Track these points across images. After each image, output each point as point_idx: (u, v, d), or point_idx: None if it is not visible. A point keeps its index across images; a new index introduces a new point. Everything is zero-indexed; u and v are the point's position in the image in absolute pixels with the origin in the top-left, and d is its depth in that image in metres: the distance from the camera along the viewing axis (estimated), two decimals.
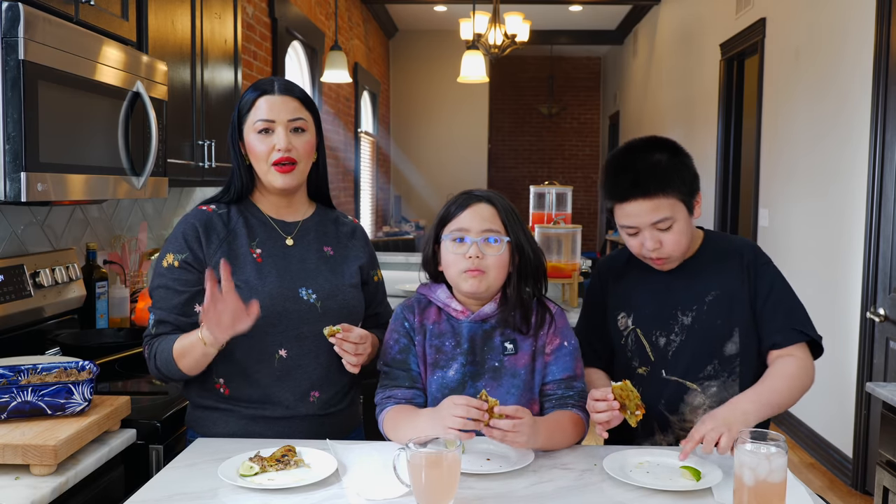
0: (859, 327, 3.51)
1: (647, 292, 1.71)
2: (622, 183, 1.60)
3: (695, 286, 1.67)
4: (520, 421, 1.41)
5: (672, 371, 1.68)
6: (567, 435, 1.57)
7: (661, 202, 1.57)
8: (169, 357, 1.58)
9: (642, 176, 1.58)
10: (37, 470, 1.37)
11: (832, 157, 3.87)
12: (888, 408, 2.12)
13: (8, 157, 1.58)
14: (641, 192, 1.57)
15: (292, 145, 1.63)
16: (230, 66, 2.94)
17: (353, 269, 1.75)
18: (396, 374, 1.62)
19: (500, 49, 5.83)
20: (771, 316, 1.64)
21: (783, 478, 1.23)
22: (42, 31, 1.64)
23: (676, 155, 1.62)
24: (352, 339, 1.58)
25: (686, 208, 1.60)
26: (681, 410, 1.67)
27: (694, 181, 1.62)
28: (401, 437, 1.52)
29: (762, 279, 1.66)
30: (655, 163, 1.59)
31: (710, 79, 5.91)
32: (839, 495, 3.55)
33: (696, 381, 1.66)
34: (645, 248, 1.61)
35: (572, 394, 1.60)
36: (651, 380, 1.69)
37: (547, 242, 3.56)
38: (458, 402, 1.40)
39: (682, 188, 1.59)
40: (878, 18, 3.38)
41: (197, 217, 1.66)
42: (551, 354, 1.62)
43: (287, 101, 1.65)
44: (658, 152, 1.61)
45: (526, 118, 11.58)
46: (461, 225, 1.57)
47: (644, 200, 1.57)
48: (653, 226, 1.59)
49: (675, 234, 1.60)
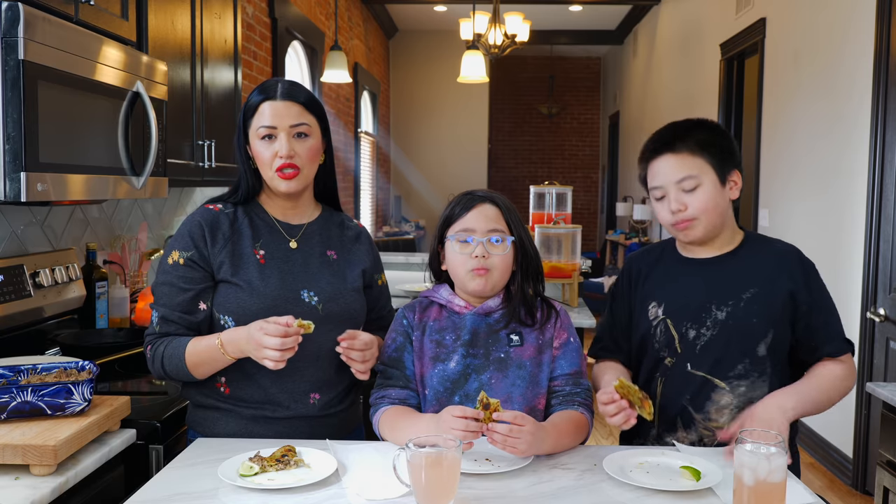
0: (859, 327, 3.51)
1: (682, 284, 1.69)
2: (654, 142, 1.65)
3: (733, 281, 1.65)
4: (519, 428, 1.39)
5: (698, 366, 1.64)
6: (574, 438, 1.56)
7: (687, 160, 1.60)
8: (181, 364, 1.59)
9: (674, 135, 1.63)
10: (37, 470, 1.37)
11: (832, 157, 3.87)
12: (888, 408, 2.12)
13: (8, 157, 1.58)
14: (669, 148, 1.62)
15: (294, 151, 1.63)
16: (230, 66, 2.94)
17: (356, 273, 1.75)
18: (391, 374, 1.63)
19: (500, 49, 5.83)
20: (824, 325, 1.63)
21: (783, 478, 1.23)
22: (42, 31, 1.64)
23: (716, 132, 1.65)
24: (357, 346, 1.59)
25: (717, 176, 1.61)
26: (706, 409, 1.63)
27: (730, 154, 1.63)
28: (398, 438, 1.52)
29: (814, 286, 1.64)
30: (691, 132, 1.63)
31: (710, 79, 5.91)
32: (839, 495, 3.55)
33: (725, 379, 1.63)
34: (670, 209, 1.62)
35: (579, 391, 1.61)
36: (675, 372, 1.66)
37: (547, 242, 3.56)
38: (457, 415, 1.40)
39: (712, 153, 1.60)
40: (878, 18, 3.38)
41: (203, 216, 1.67)
42: (560, 349, 1.63)
43: (290, 106, 1.64)
44: (700, 128, 1.65)
45: (526, 118, 11.58)
46: (466, 225, 1.59)
47: (671, 156, 1.61)
48: (678, 185, 1.60)
49: (700, 197, 1.60)
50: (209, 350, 1.57)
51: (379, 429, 1.59)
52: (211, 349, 1.57)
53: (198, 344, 1.58)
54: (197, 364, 1.59)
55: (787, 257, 1.66)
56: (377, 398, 1.62)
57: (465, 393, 1.59)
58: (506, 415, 1.39)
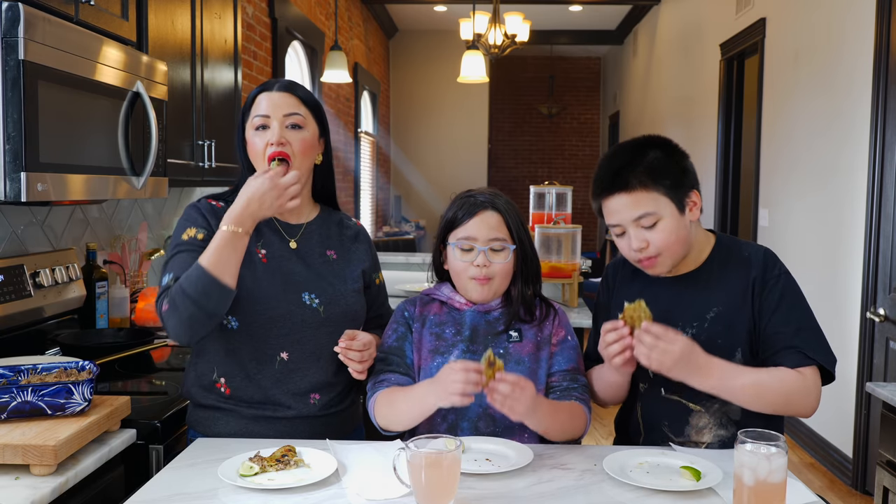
0: (859, 327, 3.51)
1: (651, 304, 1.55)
2: (604, 178, 1.55)
3: (698, 301, 1.58)
4: (520, 390, 1.39)
5: (671, 390, 1.59)
6: (569, 422, 1.54)
7: (642, 196, 1.51)
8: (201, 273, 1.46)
9: (623, 170, 1.52)
10: (37, 470, 1.37)
11: (832, 157, 3.87)
12: (888, 408, 2.12)
13: (8, 157, 1.58)
14: (621, 186, 1.52)
15: (286, 139, 1.61)
16: (230, 66, 2.94)
17: (356, 273, 1.75)
18: (392, 360, 1.62)
19: (500, 49, 5.83)
20: (773, 335, 1.54)
21: (783, 478, 1.23)
22: (42, 31, 1.64)
23: (666, 151, 1.55)
24: (356, 346, 1.59)
25: (675, 206, 1.52)
26: (686, 433, 1.60)
27: (685, 178, 1.54)
28: (396, 411, 1.52)
29: (770, 294, 1.56)
30: (639, 158, 1.53)
31: (710, 79, 5.91)
32: (839, 495, 3.55)
33: (699, 402, 1.58)
34: (632, 247, 1.55)
35: (577, 386, 1.61)
36: (650, 397, 1.63)
37: (547, 242, 3.56)
38: (457, 368, 1.39)
39: (667, 183, 1.51)
40: (878, 18, 3.38)
41: (205, 207, 1.67)
42: (557, 345, 1.64)
43: (285, 97, 1.64)
44: (648, 150, 1.55)
45: (526, 118, 11.58)
46: (469, 233, 1.59)
47: (624, 194, 1.52)
48: (636, 223, 1.53)
49: (661, 233, 1.52)
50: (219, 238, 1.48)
51: (375, 410, 1.57)
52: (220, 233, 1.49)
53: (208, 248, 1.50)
54: (215, 262, 1.46)
55: (750, 264, 1.59)
56: (375, 383, 1.61)
57: None
58: (509, 377, 1.39)
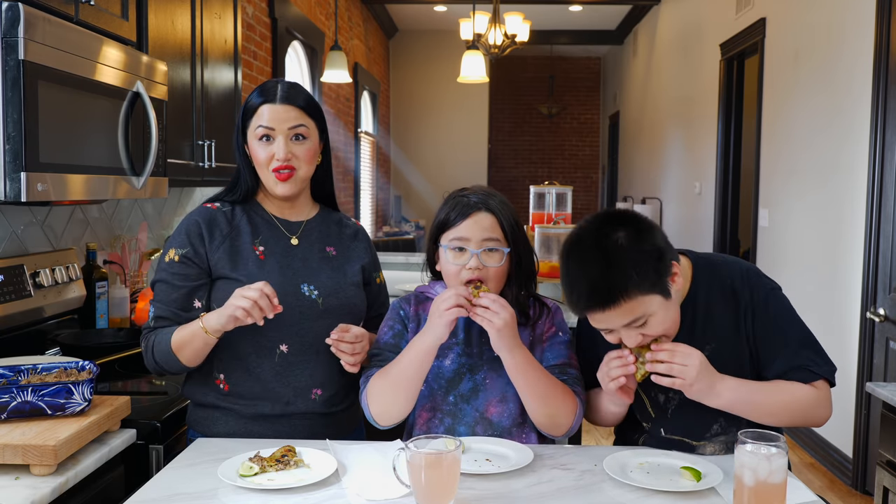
0: (859, 327, 3.51)
1: None
2: (578, 298, 1.43)
3: (694, 340, 1.50)
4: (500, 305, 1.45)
5: (672, 430, 1.58)
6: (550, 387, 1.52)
7: (625, 307, 1.39)
8: (167, 349, 1.60)
9: (599, 284, 1.39)
10: (37, 470, 1.37)
11: (832, 157, 3.87)
12: (888, 408, 2.12)
13: (8, 157, 1.58)
14: (601, 305, 1.40)
15: (292, 153, 1.65)
16: (230, 66, 2.94)
17: (356, 268, 1.77)
18: (387, 356, 1.59)
19: (500, 49, 5.83)
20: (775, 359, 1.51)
21: (783, 478, 1.23)
22: (42, 31, 1.64)
23: (632, 242, 1.40)
24: (347, 338, 1.60)
25: (660, 294, 1.41)
26: None
27: (661, 262, 1.41)
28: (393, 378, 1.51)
29: (762, 320, 1.52)
30: (607, 265, 1.39)
31: (710, 79, 5.91)
32: (839, 495, 3.55)
33: (701, 440, 1.56)
34: (631, 344, 1.45)
35: (566, 378, 1.58)
36: (653, 437, 1.61)
37: (547, 242, 3.56)
38: (446, 296, 1.46)
39: (646, 281, 1.39)
40: (878, 18, 3.38)
41: (201, 214, 1.68)
42: (547, 341, 1.63)
43: (288, 110, 1.65)
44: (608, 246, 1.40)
45: (526, 118, 11.58)
46: (461, 234, 1.55)
47: (607, 311, 1.40)
48: (628, 328, 1.43)
49: (655, 326, 1.43)
50: (191, 328, 1.58)
51: (368, 396, 1.54)
52: (192, 327, 1.58)
53: (183, 329, 1.60)
54: (180, 346, 1.59)
55: (736, 290, 1.54)
56: (368, 376, 1.58)
57: (458, 393, 1.59)
58: (490, 295, 1.48)
